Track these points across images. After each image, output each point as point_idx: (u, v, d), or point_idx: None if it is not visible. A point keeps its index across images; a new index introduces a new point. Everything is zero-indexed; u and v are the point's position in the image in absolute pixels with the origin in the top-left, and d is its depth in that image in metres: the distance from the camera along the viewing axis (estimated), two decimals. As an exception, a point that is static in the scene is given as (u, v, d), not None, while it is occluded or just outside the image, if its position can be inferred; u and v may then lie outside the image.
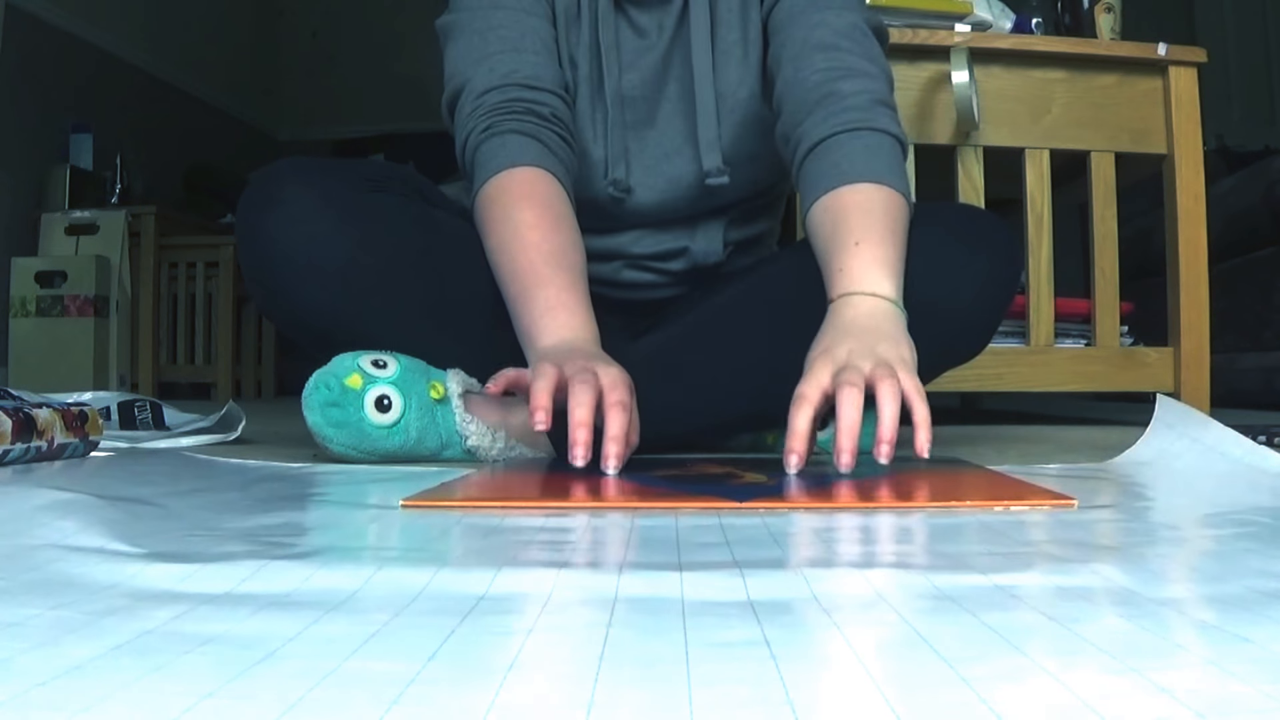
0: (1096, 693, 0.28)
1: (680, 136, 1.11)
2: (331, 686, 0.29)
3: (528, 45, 1.04)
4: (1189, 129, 1.74)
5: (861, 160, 0.94)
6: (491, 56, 1.03)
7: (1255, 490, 0.71)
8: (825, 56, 1.00)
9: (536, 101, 1.01)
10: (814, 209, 0.95)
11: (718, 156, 1.09)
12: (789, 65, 1.02)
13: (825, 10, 1.03)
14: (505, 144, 0.99)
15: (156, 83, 4.19)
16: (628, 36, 1.10)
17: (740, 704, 0.27)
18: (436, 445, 0.97)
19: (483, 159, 1.00)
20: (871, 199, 0.92)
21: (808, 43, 1.02)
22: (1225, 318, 2.01)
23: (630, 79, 1.10)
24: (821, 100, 0.98)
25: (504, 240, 0.96)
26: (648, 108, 1.11)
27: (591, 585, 0.41)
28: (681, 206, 1.13)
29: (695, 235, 1.15)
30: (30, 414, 0.89)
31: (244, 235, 0.99)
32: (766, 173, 1.15)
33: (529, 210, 0.96)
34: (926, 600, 0.39)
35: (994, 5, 1.77)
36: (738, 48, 1.10)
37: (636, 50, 1.10)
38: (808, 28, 1.02)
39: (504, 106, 1.00)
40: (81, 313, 3.20)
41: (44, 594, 0.39)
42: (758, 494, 0.67)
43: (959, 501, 0.64)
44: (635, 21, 1.10)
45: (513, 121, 1.00)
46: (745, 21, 1.10)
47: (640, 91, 1.11)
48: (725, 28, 1.10)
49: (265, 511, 0.63)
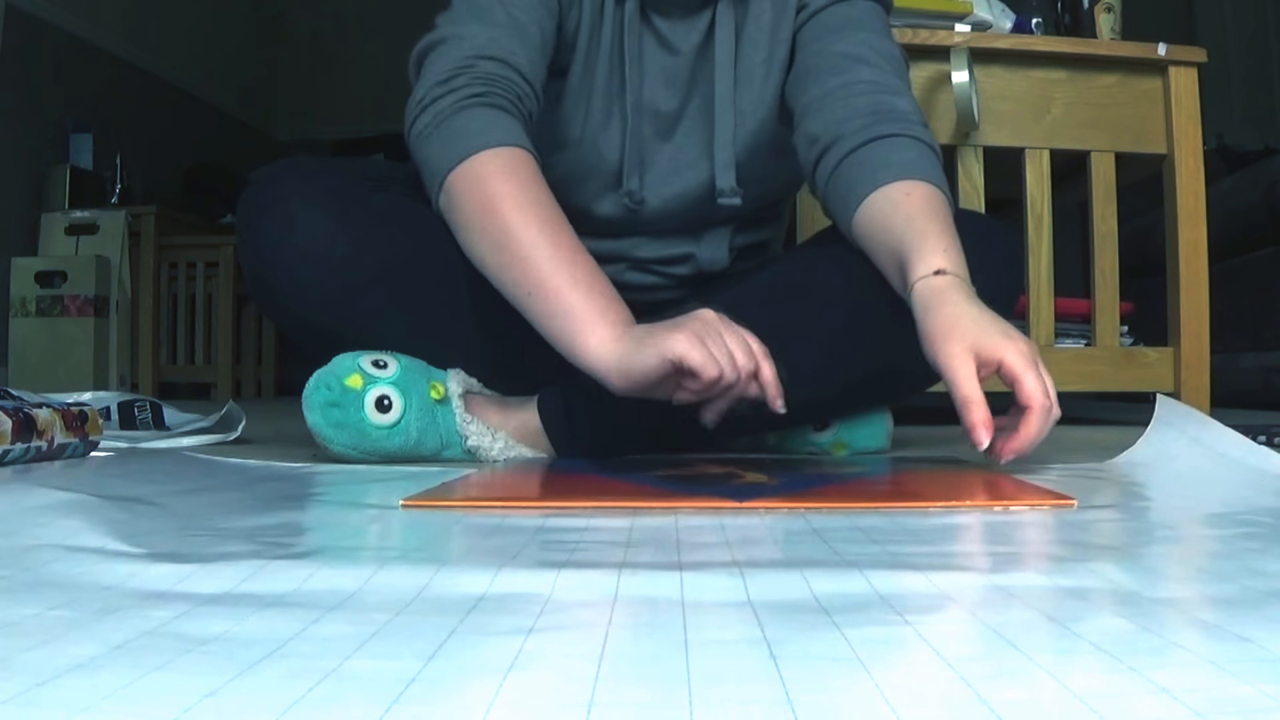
0: (1096, 692, 0.28)
1: (696, 151, 1.10)
2: (331, 686, 0.29)
3: (531, 39, 1.00)
4: (1189, 129, 1.74)
5: (929, 167, 0.95)
6: (498, 27, 0.97)
7: (1255, 490, 0.71)
8: (871, 71, 1.01)
9: (524, 95, 0.97)
10: (892, 189, 0.93)
11: (732, 177, 1.08)
12: (831, 76, 1.02)
13: (868, 31, 1.04)
14: (499, 120, 0.92)
15: (157, 83, 4.19)
16: (652, 48, 1.08)
17: (740, 704, 0.27)
18: (437, 445, 0.97)
19: (465, 124, 0.92)
20: (943, 202, 0.93)
21: (850, 56, 1.02)
22: (1225, 318, 2.01)
23: (652, 91, 1.08)
24: (875, 108, 0.98)
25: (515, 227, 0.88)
26: (667, 121, 1.09)
27: (591, 585, 0.41)
28: (691, 217, 1.12)
29: (701, 242, 1.15)
30: (30, 414, 0.89)
31: (245, 234, 0.99)
32: (776, 188, 1.16)
33: (545, 203, 0.90)
34: (926, 600, 0.39)
35: (994, 5, 1.77)
36: (762, 68, 1.08)
37: (660, 62, 1.08)
38: (851, 43, 1.03)
39: (497, 80, 0.94)
40: (81, 313, 3.20)
41: (44, 594, 0.39)
42: (758, 494, 0.67)
43: (958, 501, 0.64)
44: (661, 33, 1.08)
45: (502, 99, 0.94)
46: (774, 40, 1.08)
47: (661, 104, 1.09)
48: (752, 46, 1.08)
49: (265, 511, 0.63)
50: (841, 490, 0.70)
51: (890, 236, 0.91)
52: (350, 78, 5.28)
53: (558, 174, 1.09)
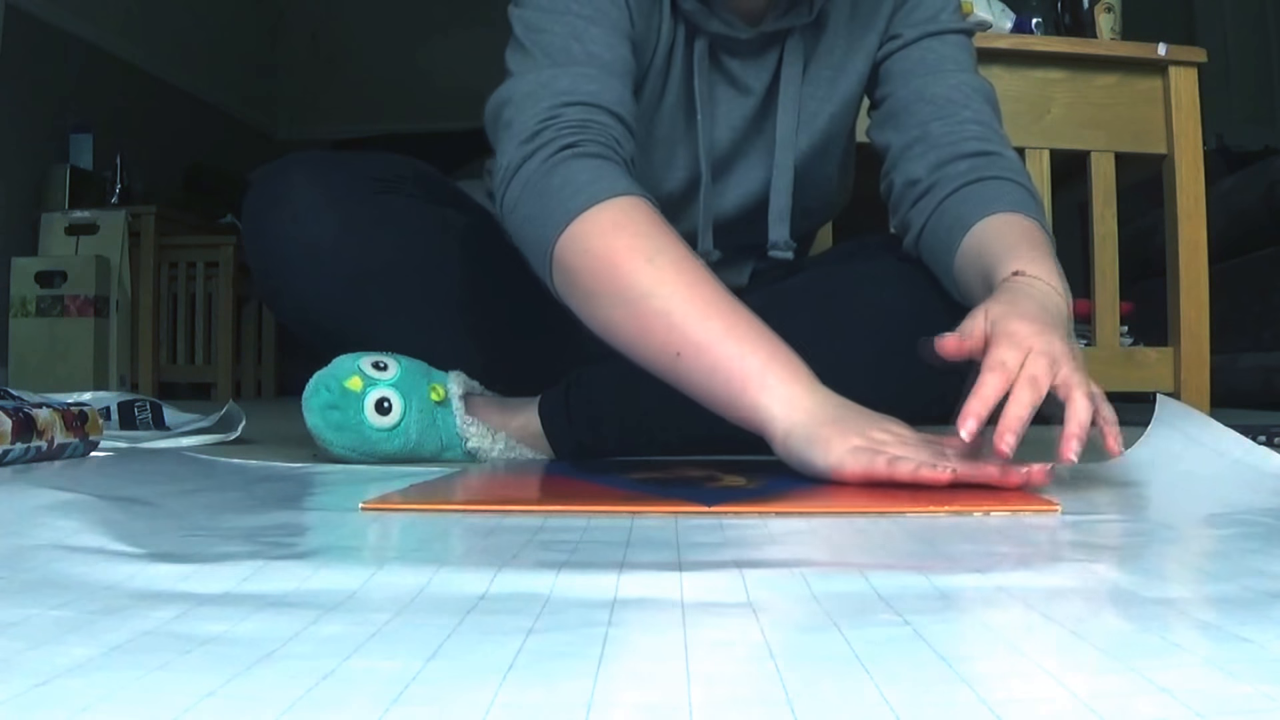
0: (1096, 692, 0.28)
1: (744, 186, 1.06)
2: (331, 686, 0.29)
3: (616, 73, 0.90)
4: (1189, 129, 1.74)
5: (1037, 210, 0.92)
6: (578, 66, 0.88)
7: (1255, 490, 0.71)
8: (976, 116, 0.98)
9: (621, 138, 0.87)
10: (999, 218, 0.89)
11: (786, 230, 1.04)
12: (934, 120, 0.97)
13: (965, 72, 1.01)
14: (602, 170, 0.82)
15: (157, 83, 4.19)
16: (723, 90, 1.03)
17: (740, 704, 0.27)
18: (437, 447, 0.97)
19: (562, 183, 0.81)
20: (1044, 235, 0.89)
21: (952, 101, 0.98)
22: (1225, 318, 2.01)
23: (720, 135, 1.03)
24: (983, 154, 0.95)
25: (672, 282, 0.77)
26: (728, 163, 1.05)
27: (591, 585, 0.41)
28: (722, 245, 1.08)
29: (722, 270, 1.13)
30: (30, 414, 0.89)
31: (250, 232, 0.99)
32: (816, 224, 1.14)
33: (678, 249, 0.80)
34: (926, 600, 0.39)
35: (994, 5, 1.77)
36: (824, 105, 1.05)
37: (730, 104, 1.03)
38: (950, 86, 0.99)
39: (590, 126, 0.85)
40: (81, 313, 3.20)
41: (44, 594, 0.39)
42: (730, 498, 0.66)
43: (937, 506, 0.63)
44: (732, 74, 1.02)
45: (598, 146, 0.84)
46: (840, 74, 1.04)
47: (726, 148, 1.04)
48: (815, 83, 1.04)
49: (265, 511, 0.63)
50: (815, 495, 0.68)
51: (983, 259, 0.86)
52: (350, 78, 5.29)
53: None
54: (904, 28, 1.03)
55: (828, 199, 1.12)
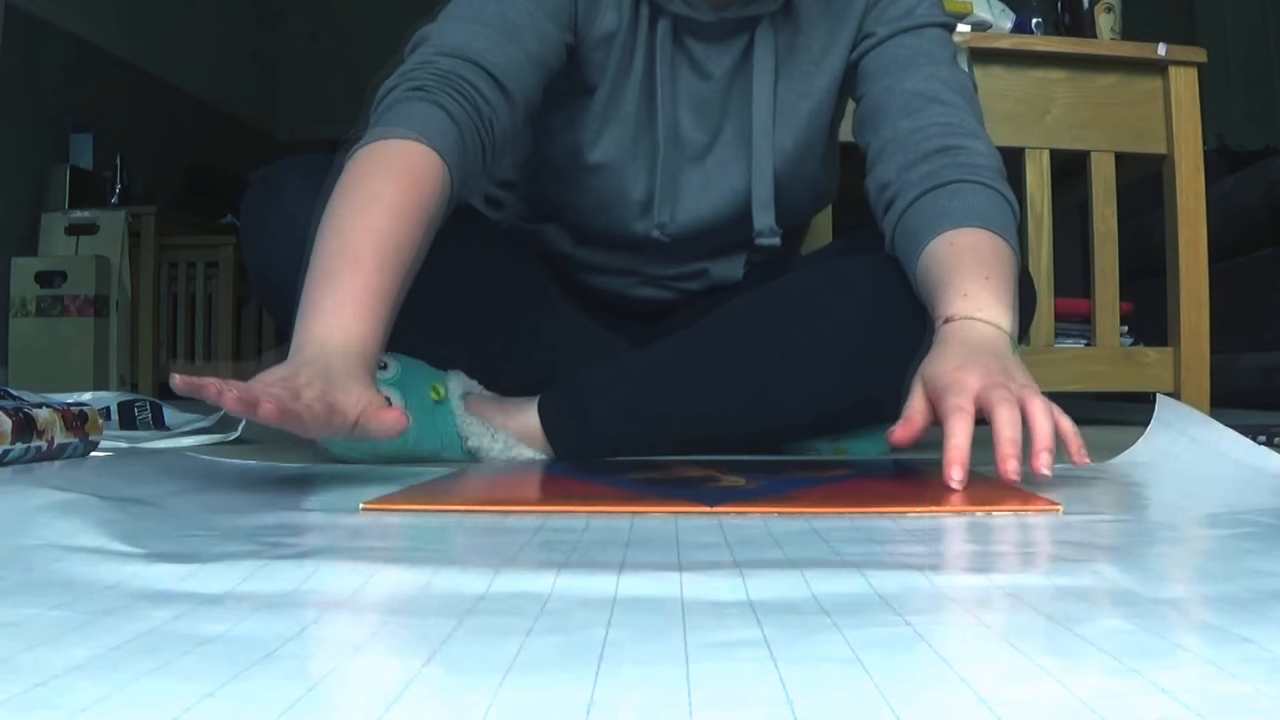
0: (1096, 693, 0.28)
1: (727, 181, 1.07)
2: (331, 686, 0.29)
3: (522, 40, 0.94)
4: (1189, 129, 1.74)
5: (997, 215, 0.91)
6: (481, 25, 0.93)
7: (1255, 490, 0.71)
8: (945, 110, 0.98)
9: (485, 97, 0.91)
10: (946, 236, 0.89)
11: (771, 216, 1.05)
12: (902, 117, 0.98)
13: (938, 64, 1.01)
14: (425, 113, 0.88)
15: (157, 83, 4.19)
16: (685, 72, 1.04)
17: (740, 704, 0.27)
18: (436, 446, 0.97)
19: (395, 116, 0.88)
20: (1001, 249, 0.89)
21: (923, 95, 0.99)
22: (1225, 318, 2.01)
23: (685, 117, 1.04)
24: (945, 150, 0.95)
25: (346, 211, 0.83)
26: (698, 148, 1.06)
27: (591, 585, 0.41)
28: (712, 242, 1.11)
29: (717, 261, 1.14)
30: (30, 414, 0.89)
31: (248, 233, 0.99)
32: (806, 216, 1.15)
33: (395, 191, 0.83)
34: (926, 600, 0.39)
35: (994, 5, 1.77)
36: (805, 100, 1.05)
37: (692, 87, 1.04)
38: (922, 79, 1.00)
39: (452, 78, 0.90)
40: (81, 313, 3.20)
41: (44, 594, 0.39)
42: (730, 498, 0.66)
43: (937, 507, 0.63)
44: (694, 56, 1.04)
45: (447, 97, 0.89)
46: (819, 70, 1.04)
47: (692, 131, 1.05)
48: (793, 77, 1.05)
49: (265, 511, 0.63)
50: (815, 495, 0.69)
51: (929, 290, 0.87)
52: (350, 78, 5.27)
53: (580, 197, 1.08)
54: (878, 25, 1.04)
55: (815, 193, 1.12)
